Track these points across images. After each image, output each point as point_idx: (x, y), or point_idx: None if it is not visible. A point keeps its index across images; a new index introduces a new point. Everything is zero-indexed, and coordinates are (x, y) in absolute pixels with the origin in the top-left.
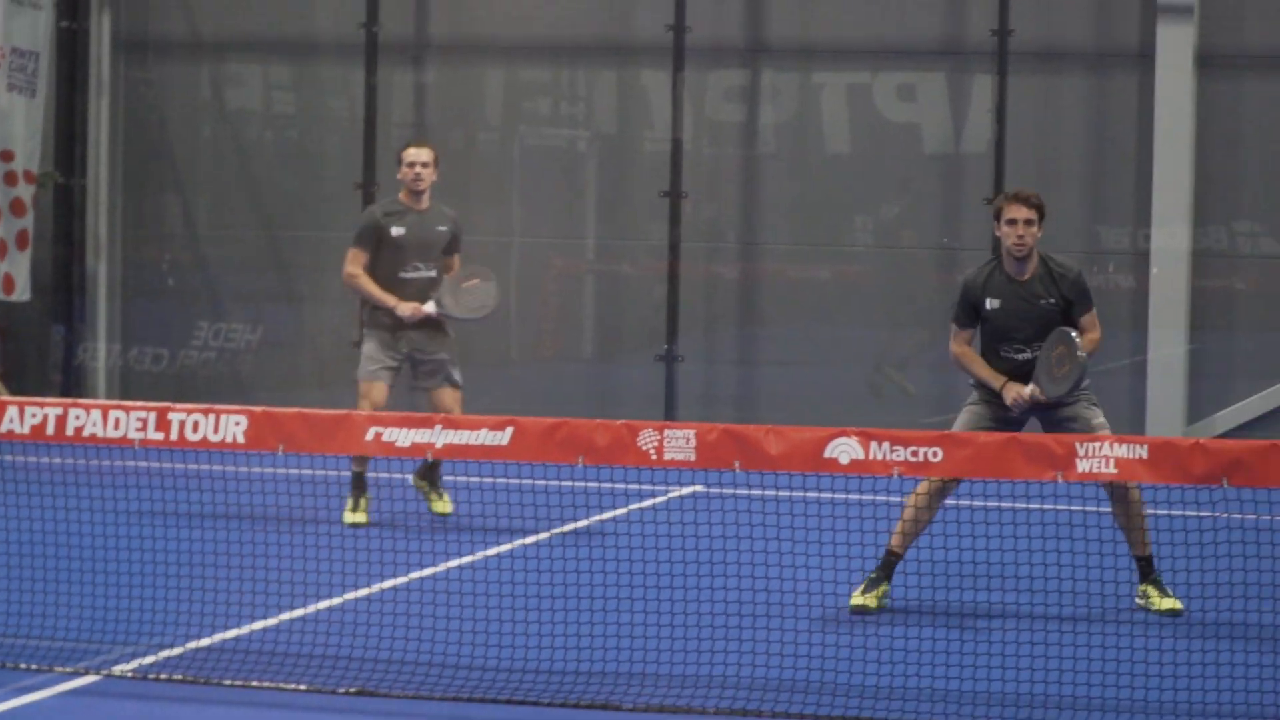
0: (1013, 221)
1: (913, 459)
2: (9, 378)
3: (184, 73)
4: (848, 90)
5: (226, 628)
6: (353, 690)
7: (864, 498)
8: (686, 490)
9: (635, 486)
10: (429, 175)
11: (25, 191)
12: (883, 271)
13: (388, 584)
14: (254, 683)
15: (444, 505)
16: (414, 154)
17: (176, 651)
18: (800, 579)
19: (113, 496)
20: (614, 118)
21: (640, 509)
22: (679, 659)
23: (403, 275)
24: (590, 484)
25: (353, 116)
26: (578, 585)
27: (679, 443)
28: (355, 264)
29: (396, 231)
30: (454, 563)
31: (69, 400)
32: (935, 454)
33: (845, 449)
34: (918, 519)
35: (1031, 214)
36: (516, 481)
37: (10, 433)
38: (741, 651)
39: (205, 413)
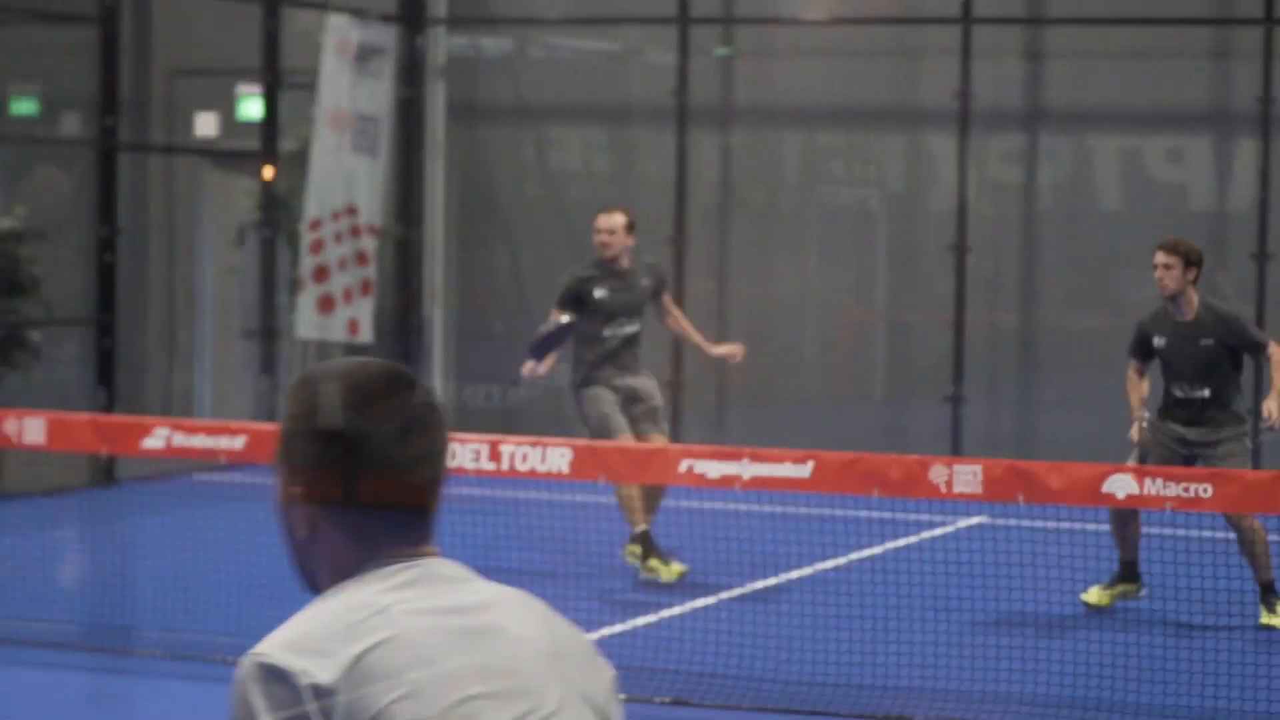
0: (1154, 266)
1: (1184, 494)
2: None
3: (510, 136)
4: (1120, 153)
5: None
6: (667, 699)
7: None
8: (973, 521)
9: (925, 517)
10: (618, 241)
11: (368, 244)
12: None
13: (699, 603)
14: None
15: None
16: (604, 221)
17: None
18: (1080, 604)
19: (449, 521)
20: (903, 178)
21: (930, 538)
22: (966, 676)
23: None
24: (884, 514)
25: (664, 176)
26: (873, 607)
27: (967, 477)
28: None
29: (599, 294)
30: (759, 584)
31: None
32: (1205, 490)
33: (1121, 484)
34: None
35: (1171, 259)
36: (816, 511)
37: None
38: (1025, 670)
39: (533, 445)
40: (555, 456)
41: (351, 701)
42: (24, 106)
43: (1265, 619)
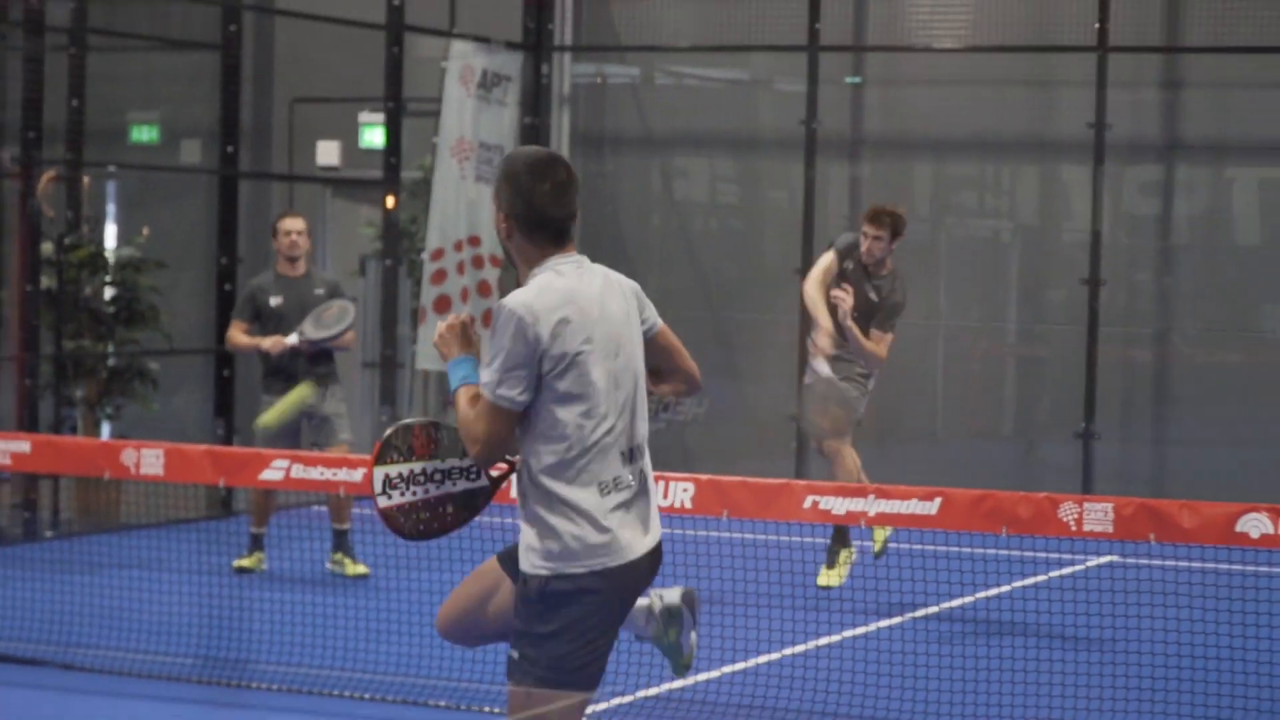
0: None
1: None
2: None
3: (635, 165)
4: (1259, 184)
5: (672, 679)
6: None
7: (1274, 570)
8: (1104, 560)
9: (1055, 555)
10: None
11: (491, 274)
12: None
13: (821, 641)
14: None
15: None
16: None
17: (626, 699)
18: (1212, 645)
19: None
20: (1035, 209)
21: (1060, 576)
22: (1094, 715)
23: None
24: (1013, 552)
25: (791, 207)
26: (1000, 647)
27: (1098, 515)
28: None
29: None
30: (883, 623)
31: None
32: None
33: (1256, 524)
34: None
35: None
36: (944, 549)
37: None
38: (1154, 714)
39: (656, 480)
40: (678, 491)
41: (556, 347)
42: (144, 134)
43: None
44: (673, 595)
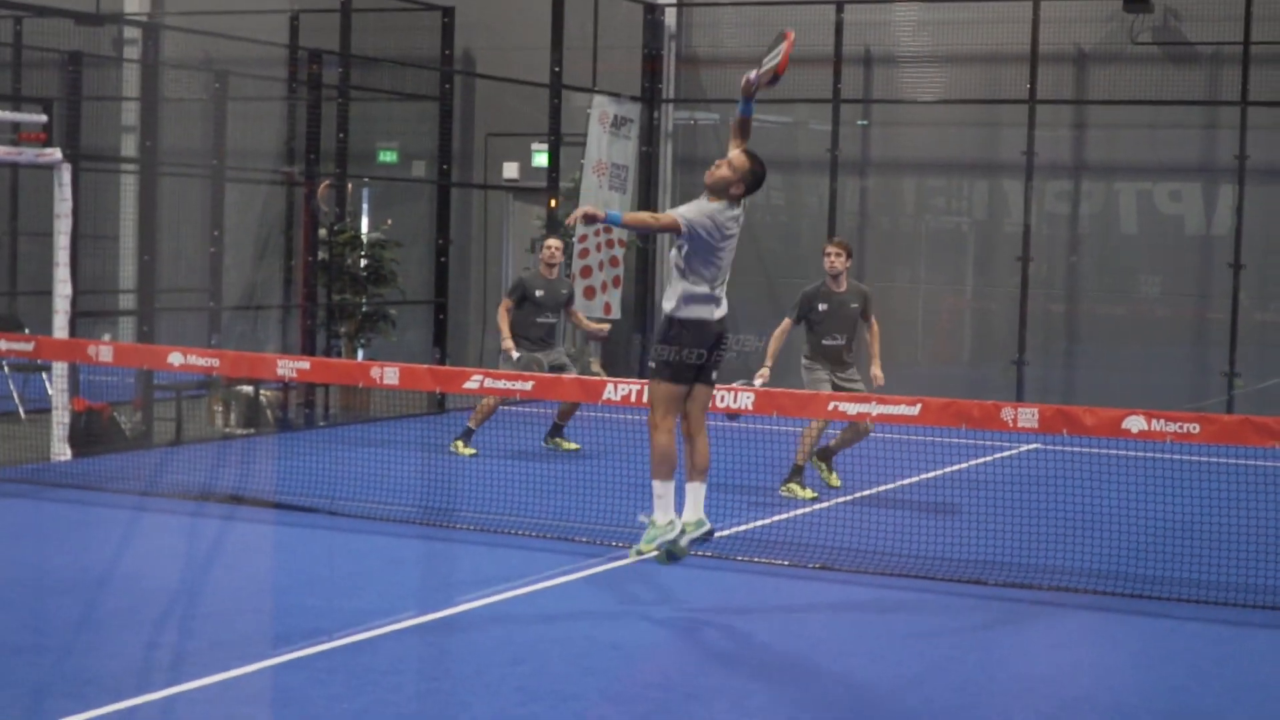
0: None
1: (1179, 430)
2: (608, 366)
3: None
4: (1136, 194)
5: (752, 519)
6: (817, 565)
7: (1149, 455)
8: (1031, 447)
9: (998, 443)
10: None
11: (619, 252)
12: (1161, 311)
13: (840, 499)
14: (756, 559)
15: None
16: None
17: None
18: (1106, 506)
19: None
20: (985, 210)
21: (1001, 458)
22: (1025, 552)
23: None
24: (969, 441)
25: (820, 207)
26: (960, 505)
27: (1027, 417)
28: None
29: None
30: (881, 487)
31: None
32: (1195, 427)
33: (1136, 423)
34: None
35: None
36: (925, 439)
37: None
38: (1067, 549)
39: (729, 390)
40: (744, 398)
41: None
42: (387, 156)
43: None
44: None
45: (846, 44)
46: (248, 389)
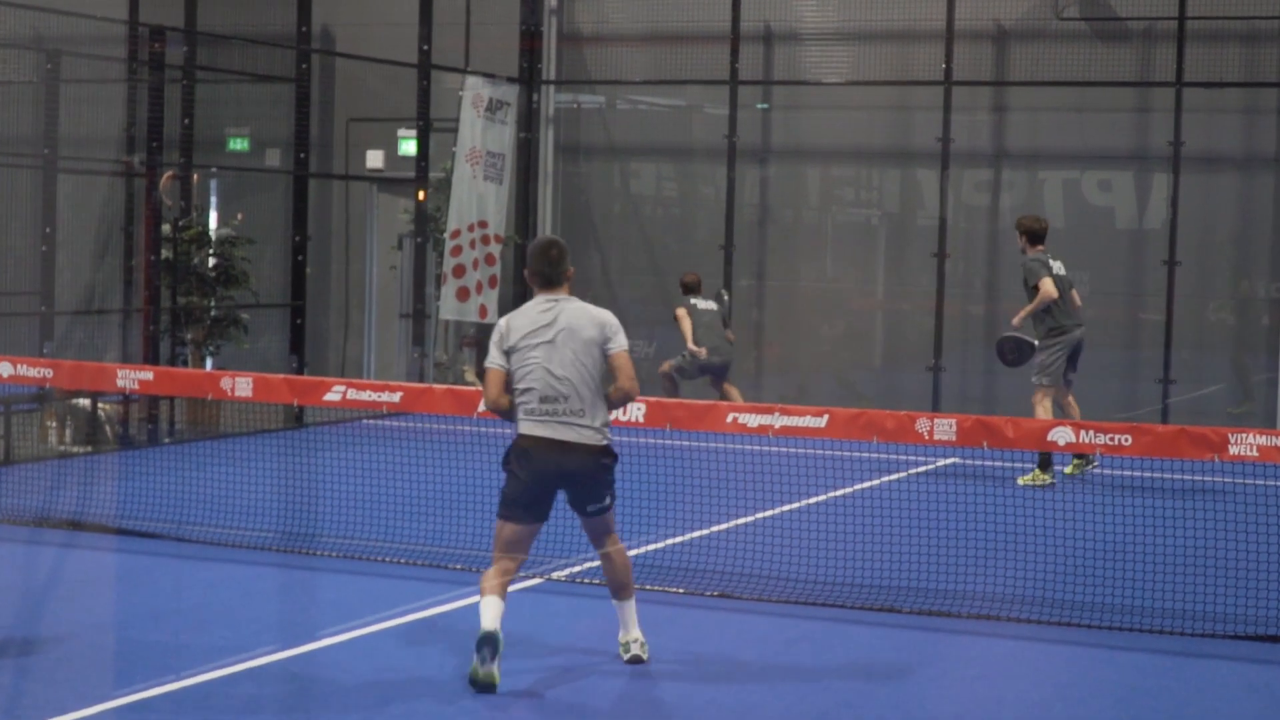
0: None
1: (1110, 441)
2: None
3: (602, 169)
4: (1062, 183)
5: (644, 543)
6: (715, 594)
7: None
8: (949, 461)
9: (913, 458)
10: None
11: (495, 249)
12: (1091, 311)
13: (740, 521)
14: (649, 587)
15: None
16: None
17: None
18: (1028, 523)
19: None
20: (897, 202)
21: (916, 474)
22: (942, 577)
23: None
24: (881, 455)
25: (717, 199)
26: (870, 526)
27: (944, 428)
28: None
29: None
30: (785, 507)
31: None
32: (1126, 439)
33: (1063, 434)
34: None
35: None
36: (833, 453)
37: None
38: (986, 574)
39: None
40: (634, 410)
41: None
42: (238, 144)
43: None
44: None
45: (744, 20)
46: (85, 402)
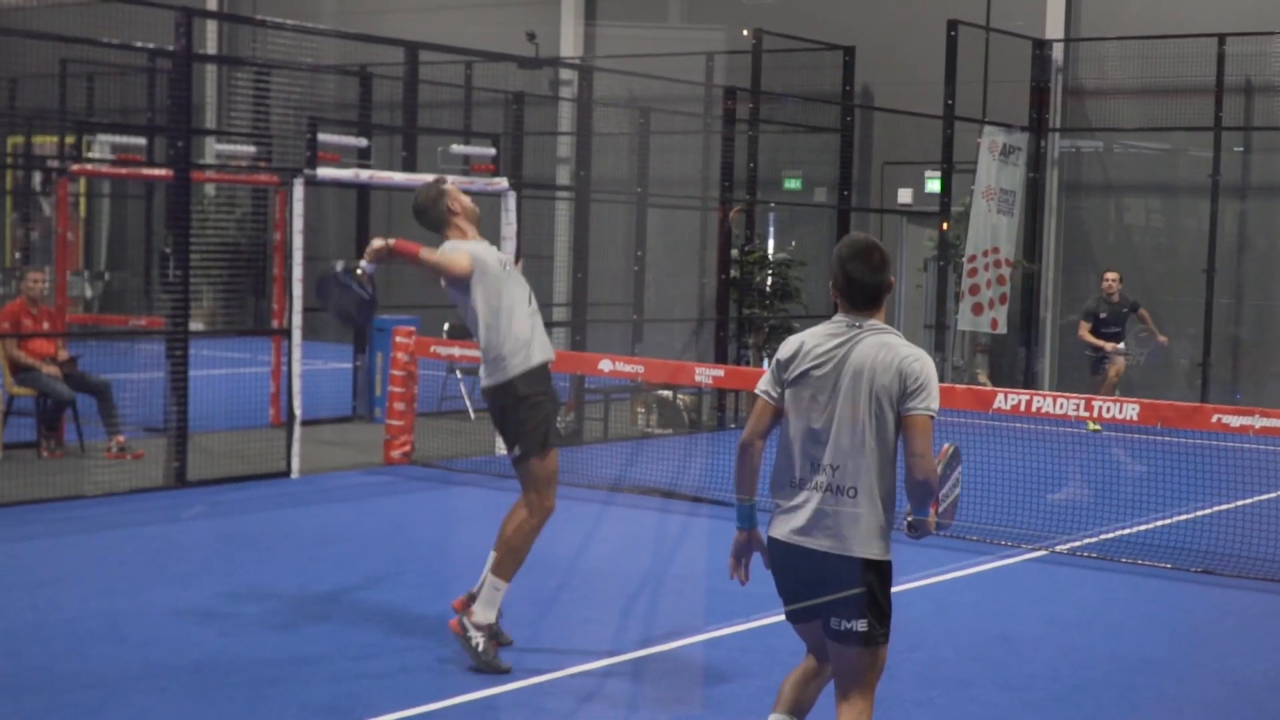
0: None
1: None
2: (994, 376)
3: (1099, 204)
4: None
5: (1133, 524)
6: (1198, 570)
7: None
8: None
9: None
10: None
11: (1005, 271)
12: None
13: (1222, 507)
14: (1140, 561)
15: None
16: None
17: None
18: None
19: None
20: None
21: None
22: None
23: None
24: None
25: (1199, 230)
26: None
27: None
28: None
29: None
30: (1267, 495)
31: (1034, 391)
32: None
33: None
34: None
35: None
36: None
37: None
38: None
39: (1113, 401)
40: (1129, 409)
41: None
42: (792, 184)
43: None
44: None
45: (1228, 73)
46: (667, 393)
